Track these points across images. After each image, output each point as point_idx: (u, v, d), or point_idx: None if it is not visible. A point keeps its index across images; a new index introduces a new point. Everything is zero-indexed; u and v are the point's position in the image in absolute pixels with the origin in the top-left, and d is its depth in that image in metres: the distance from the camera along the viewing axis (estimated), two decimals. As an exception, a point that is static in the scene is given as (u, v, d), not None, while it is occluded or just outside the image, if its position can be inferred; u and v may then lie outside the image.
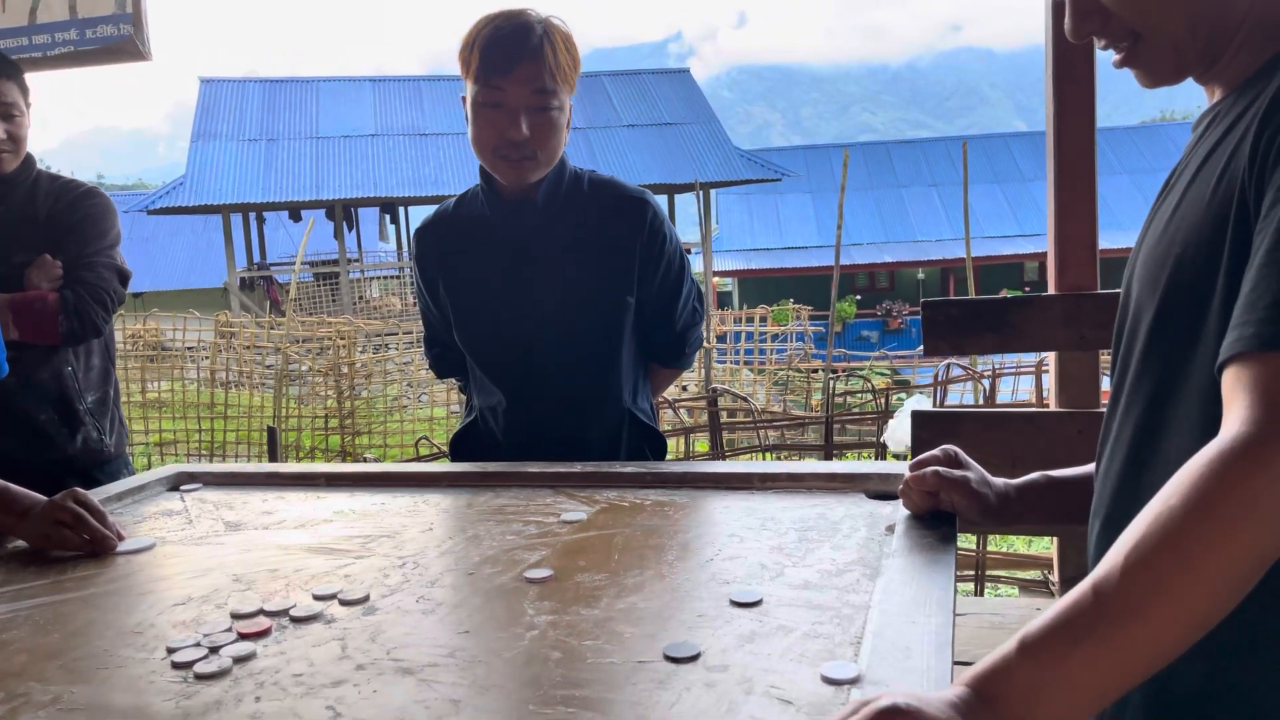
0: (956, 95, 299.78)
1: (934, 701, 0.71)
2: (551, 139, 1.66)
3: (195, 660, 0.97)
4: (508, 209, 1.74)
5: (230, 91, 23.00)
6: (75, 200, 2.17)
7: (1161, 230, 0.94)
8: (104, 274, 2.13)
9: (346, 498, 1.57)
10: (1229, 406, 0.75)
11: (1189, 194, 0.91)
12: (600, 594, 1.09)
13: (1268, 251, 0.76)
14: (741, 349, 12.27)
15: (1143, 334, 0.94)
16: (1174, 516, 0.71)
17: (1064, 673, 0.71)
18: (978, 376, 3.48)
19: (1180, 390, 0.89)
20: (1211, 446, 0.73)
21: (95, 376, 2.24)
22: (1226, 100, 0.93)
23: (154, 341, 11.41)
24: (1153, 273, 0.93)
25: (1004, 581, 2.64)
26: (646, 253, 1.74)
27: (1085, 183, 1.89)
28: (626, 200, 1.76)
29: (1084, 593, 0.73)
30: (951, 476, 1.18)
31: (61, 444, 2.15)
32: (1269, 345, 0.73)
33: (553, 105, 1.64)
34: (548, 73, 1.62)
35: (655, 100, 23.99)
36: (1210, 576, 0.70)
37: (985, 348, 1.86)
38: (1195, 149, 0.95)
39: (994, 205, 26.24)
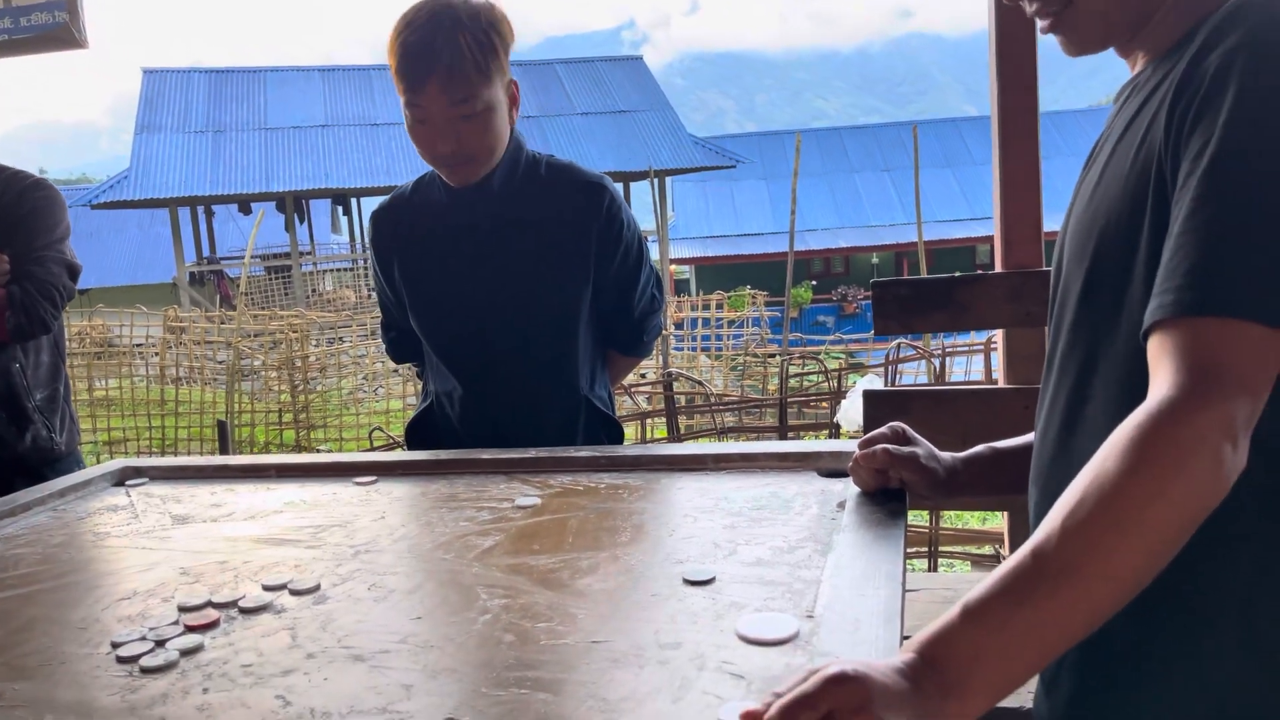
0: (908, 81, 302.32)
1: (881, 668, 0.72)
2: (484, 140, 1.63)
3: (141, 654, 0.95)
4: (464, 194, 1.72)
5: (174, 82, 22.54)
6: (23, 192, 2.11)
7: (1086, 202, 0.96)
8: (53, 269, 2.08)
9: (297, 488, 1.55)
10: (1154, 372, 0.77)
11: (1110, 165, 0.93)
12: (554, 577, 1.09)
13: (1185, 219, 0.78)
14: (699, 335, 12.31)
15: (1071, 305, 0.96)
16: (1106, 478, 0.73)
17: (1006, 635, 0.73)
18: (928, 355, 3.53)
19: (1106, 357, 0.91)
20: (1140, 410, 0.75)
21: (44, 373, 2.18)
22: (1145, 70, 0.95)
23: (101, 339, 11.18)
24: (1080, 244, 0.95)
25: (957, 557, 2.68)
26: (604, 238, 1.73)
27: (1029, 162, 1.92)
28: (584, 185, 1.75)
29: (1023, 557, 0.75)
30: (900, 453, 1.19)
31: (10, 442, 2.10)
32: (1189, 310, 0.75)
33: (477, 109, 1.59)
34: (461, 79, 1.56)
35: (609, 88, 23.93)
36: (1143, 534, 0.72)
37: (934, 326, 1.89)
38: (1115, 120, 0.97)
39: (946, 189, 26.55)
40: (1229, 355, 0.74)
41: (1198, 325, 0.75)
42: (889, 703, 0.70)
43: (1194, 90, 0.81)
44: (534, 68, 24.82)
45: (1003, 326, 1.95)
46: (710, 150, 22.87)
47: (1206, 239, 0.76)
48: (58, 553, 1.31)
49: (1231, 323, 0.74)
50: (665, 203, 22.63)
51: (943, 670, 0.73)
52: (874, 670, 0.71)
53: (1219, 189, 0.77)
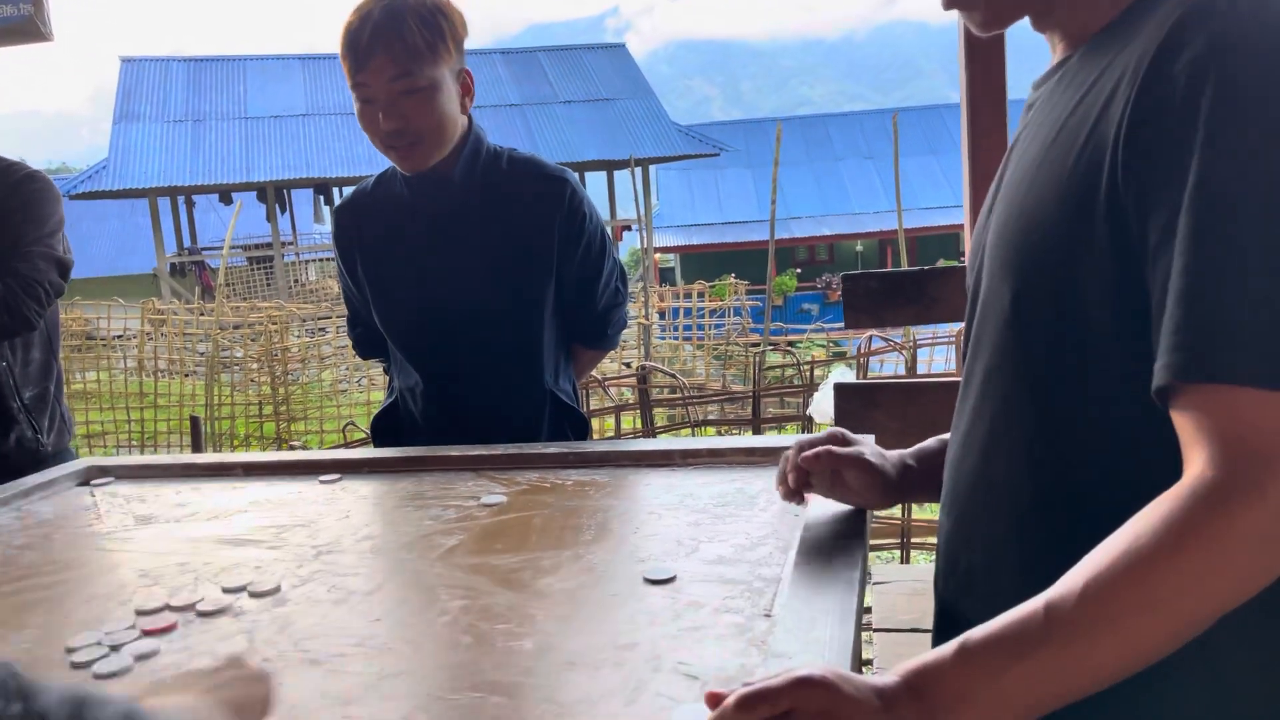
0: (892, 68, 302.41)
1: (856, 681, 0.71)
2: (429, 118, 1.62)
3: (95, 660, 0.94)
4: (424, 187, 1.72)
5: (153, 71, 22.33)
6: (15, 185, 2.07)
7: (1011, 208, 0.87)
8: (40, 265, 2.04)
9: (263, 487, 1.54)
10: (1189, 445, 0.71)
11: (1041, 169, 0.84)
12: (515, 577, 1.09)
13: (1190, 260, 0.70)
14: (681, 325, 12.31)
15: (995, 324, 0.89)
16: (1142, 554, 0.68)
17: (998, 685, 0.70)
18: (899, 347, 3.53)
19: (1033, 386, 0.85)
20: (1183, 489, 0.69)
21: (34, 371, 2.14)
22: (1073, 58, 0.87)
23: (80, 330, 11.09)
24: (1004, 256, 0.87)
25: (930, 548, 2.69)
26: (566, 232, 1.73)
27: (998, 154, 1.91)
28: (545, 179, 1.74)
29: (1035, 609, 0.71)
30: (844, 452, 1.10)
31: None
32: (1218, 376, 0.69)
33: (419, 86, 1.59)
34: (403, 53, 1.57)
35: (592, 76, 23.84)
36: (1170, 620, 0.68)
37: (904, 319, 1.89)
38: (1041, 113, 0.89)
39: (930, 177, 26.59)
40: (1271, 434, 0.68)
41: (1230, 397, 0.69)
42: (855, 716, 0.68)
43: (1161, 104, 0.73)
44: (517, 55, 24.72)
45: (973, 319, 1.95)
46: (694, 138, 22.84)
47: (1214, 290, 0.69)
48: (18, 555, 1.30)
49: (1267, 395, 0.68)
50: (649, 191, 22.61)
51: (926, 702, 0.70)
52: (846, 682, 0.70)
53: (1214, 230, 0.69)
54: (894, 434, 1.89)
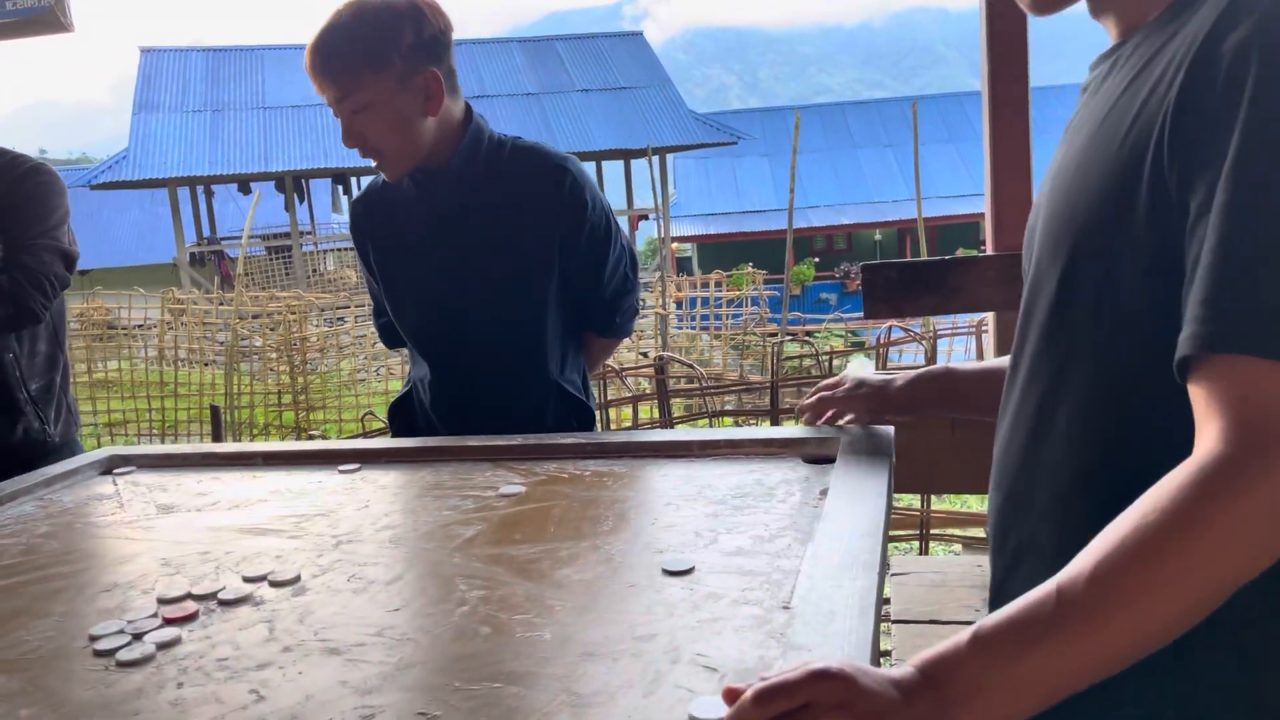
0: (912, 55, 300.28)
1: (873, 674, 0.71)
2: (381, 133, 1.62)
3: (118, 648, 0.95)
4: (426, 181, 1.72)
5: (172, 61, 22.44)
6: (20, 177, 2.08)
7: (1061, 191, 0.89)
8: (45, 258, 2.05)
9: (283, 476, 1.55)
10: (1202, 419, 0.71)
11: (1091, 152, 0.85)
12: (534, 567, 1.09)
13: (1222, 236, 0.70)
14: (698, 315, 12.29)
15: (1045, 305, 0.90)
16: (1150, 534, 0.68)
17: (1013, 672, 0.70)
18: (919, 338, 3.52)
19: (1082, 366, 0.86)
20: (1193, 465, 0.69)
21: (40, 363, 2.16)
22: (1130, 42, 0.88)
23: (102, 320, 11.18)
24: (1054, 239, 0.89)
25: (949, 539, 2.68)
26: (569, 219, 1.72)
27: (1020, 142, 1.90)
28: (546, 168, 1.73)
29: (1046, 594, 0.71)
30: (837, 399, 1.41)
31: (2, 435, 2.09)
32: (1238, 348, 0.69)
33: (360, 105, 1.59)
34: (337, 77, 1.57)
35: (609, 64, 23.78)
36: (1181, 599, 0.68)
37: (924, 309, 1.87)
38: (1093, 98, 0.90)
39: (949, 164, 26.42)
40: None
41: (1247, 368, 0.68)
42: (873, 708, 0.68)
43: (1206, 84, 0.73)
44: (534, 44, 24.68)
45: (994, 310, 1.93)
46: (712, 127, 22.75)
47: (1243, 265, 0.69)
48: (41, 543, 1.31)
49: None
50: (666, 180, 22.56)
51: (942, 692, 0.70)
52: (863, 674, 0.70)
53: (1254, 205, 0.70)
54: (913, 425, 1.88)
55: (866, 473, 1.25)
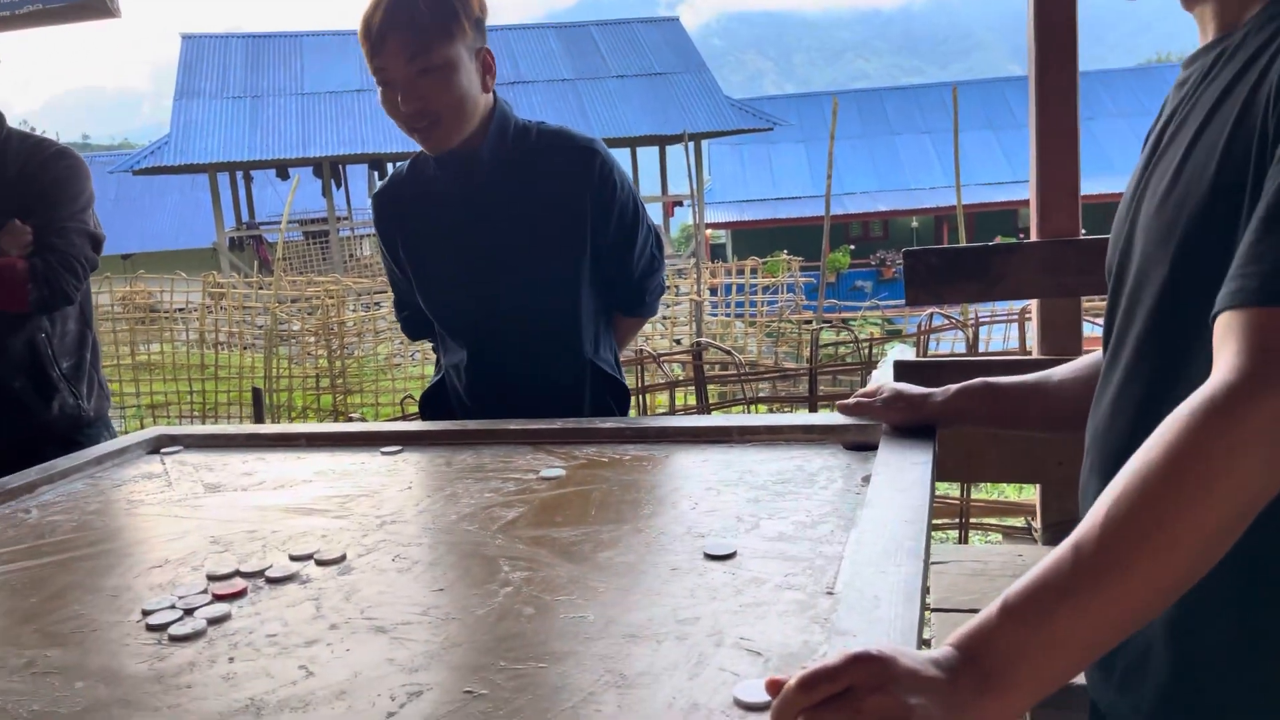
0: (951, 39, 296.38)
1: (914, 654, 0.71)
2: (446, 97, 1.62)
3: (170, 622, 0.97)
4: (455, 167, 1.73)
5: (213, 48, 22.67)
6: (46, 161, 2.13)
7: (1170, 181, 0.89)
8: (75, 240, 2.10)
9: (327, 458, 1.57)
10: (1218, 355, 0.73)
11: (1201, 142, 0.86)
12: (575, 550, 1.09)
13: (1272, 203, 0.72)
14: (733, 301, 12.25)
15: (1152, 292, 0.90)
16: (1152, 471, 0.70)
17: (1046, 632, 0.70)
18: (961, 325, 3.48)
19: (1196, 354, 0.85)
20: (1194, 397, 0.71)
21: (71, 342, 2.21)
22: (1237, 35, 0.87)
23: (143, 304, 11.36)
24: (1163, 228, 0.89)
25: (988, 529, 2.66)
26: (598, 201, 1.73)
27: (1067, 128, 1.87)
28: (574, 150, 1.74)
29: (1065, 551, 0.72)
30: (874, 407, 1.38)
31: (37, 411, 2.14)
32: (1266, 300, 0.71)
33: (434, 64, 1.59)
34: (416, 34, 1.57)
35: (644, 50, 23.70)
36: (1187, 530, 0.68)
37: (966, 296, 1.86)
38: (1200, 92, 0.90)
39: (988, 151, 26.07)
40: None
41: (1267, 314, 0.70)
42: (915, 687, 0.68)
43: None
44: (569, 30, 24.65)
45: (1038, 297, 1.91)
46: (747, 112, 22.62)
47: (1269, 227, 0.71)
48: (92, 520, 1.34)
49: None
50: (701, 166, 22.47)
51: (981, 665, 0.70)
52: (904, 655, 0.70)
53: None
54: (954, 413, 1.87)
55: (909, 460, 1.24)
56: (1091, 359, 1.23)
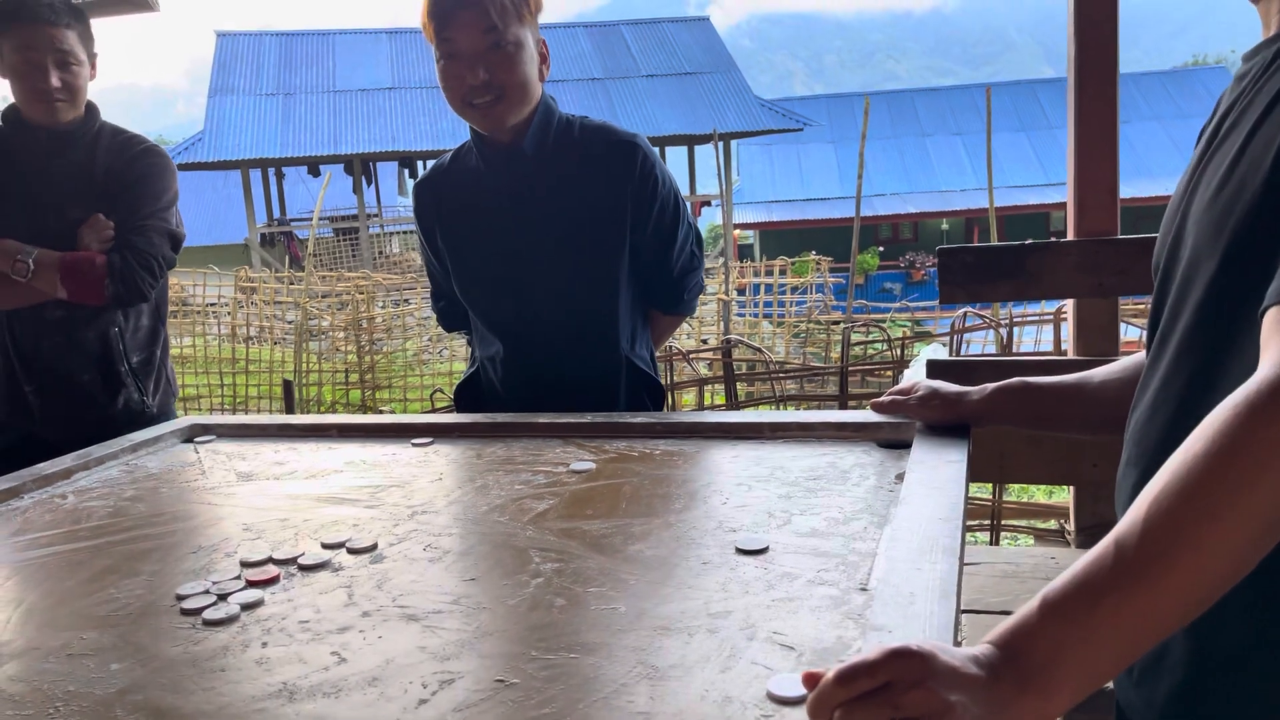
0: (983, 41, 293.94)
1: (953, 651, 0.70)
2: (513, 74, 1.64)
3: (204, 607, 0.98)
4: (499, 159, 1.73)
5: (246, 45, 22.90)
6: (134, 158, 2.16)
7: (1224, 176, 0.87)
8: (154, 239, 2.12)
9: (358, 448, 1.58)
10: (1264, 351, 0.72)
11: (1258, 137, 0.84)
12: (606, 542, 1.09)
13: None
14: (761, 301, 12.21)
15: (1200, 286, 0.89)
16: (1196, 464, 0.68)
17: (1087, 629, 0.69)
18: (995, 325, 3.44)
19: (1241, 350, 0.84)
20: (1239, 393, 0.69)
21: (143, 337, 2.23)
22: None
23: (177, 298, 11.49)
24: (1214, 223, 0.87)
25: (1020, 531, 2.63)
26: (639, 197, 1.73)
27: (1106, 126, 1.84)
28: (617, 145, 1.74)
29: (1105, 547, 0.71)
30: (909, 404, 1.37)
31: (102, 404, 2.16)
32: None
33: (506, 42, 1.62)
34: (492, 11, 1.60)
35: (675, 49, 23.69)
36: (1232, 525, 0.67)
37: (1001, 295, 1.83)
38: (1263, 82, 0.88)
39: (1020, 154, 25.85)
40: None
41: None
42: (954, 684, 0.67)
43: None
44: (599, 29, 24.67)
45: (1074, 297, 1.88)
46: (777, 113, 22.55)
47: None
48: (129, 506, 1.35)
49: None
50: (730, 166, 22.43)
51: (1022, 663, 0.69)
52: (943, 651, 0.69)
53: None
54: (987, 413, 1.85)
55: (944, 458, 1.23)
56: (1133, 360, 1.21)
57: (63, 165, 2.10)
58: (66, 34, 2.06)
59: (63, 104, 2.08)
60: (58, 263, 2.02)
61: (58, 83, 2.05)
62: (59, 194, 2.08)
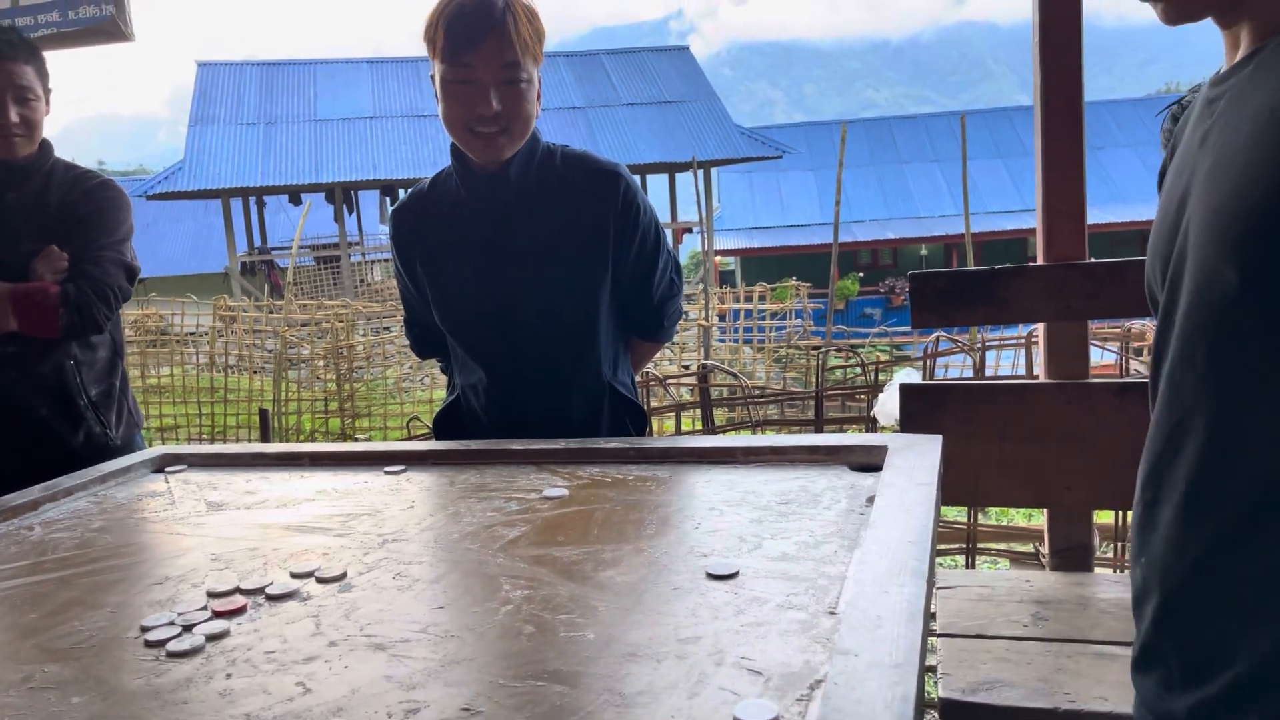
0: (960, 70, 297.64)
1: None
2: (522, 111, 1.66)
3: (168, 639, 0.97)
4: (481, 186, 1.74)
5: (228, 75, 22.93)
6: (89, 191, 2.15)
7: (1227, 192, 0.86)
8: (109, 269, 2.11)
9: (330, 477, 1.57)
10: None
11: (1257, 151, 0.83)
12: (577, 569, 1.09)
13: None
14: (741, 327, 12.25)
15: (1219, 305, 0.87)
16: None
17: None
18: (966, 349, 3.47)
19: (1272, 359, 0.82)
20: None
21: (100, 369, 2.21)
22: (1271, 44, 0.86)
23: (155, 327, 11.42)
24: (1224, 239, 0.85)
25: (995, 554, 2.64)
26: (621, 225, 1.74)
27: (1073, 154, 1.87)
28: (599, 174, 1.75)
29: None
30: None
31: (63, 439, 2.13)
32: None
33: (521, 78, 1.63)
34: (513, 46, 1.61)
35: (655, 78, 23.88)
36: None
37: (973, 319, 1.85)
38: (1241, 101, 0.88)
39: (997, 180, 26.15)
40: None
41: None
42: None
43: None
44: (580, 58, 24.85)
45: (1044, 320, 1.90)
46: (756, 140, 22.73)
47: None
48: (95, 537, 1.33)
49: None
50: (711, 193, 22.56)
51: None
52: None
53: None
54: (961, 437, 1.86)
55: (914, 481, 1.23)
56: None
57: (17, 199, 2.09)
58: (25, 69, 2.06)
59: (20, 139, 2.08)
60: (9, 293, 2.00)
61: (16, 118, 2.05)
62: (13, 227, 2.07)
